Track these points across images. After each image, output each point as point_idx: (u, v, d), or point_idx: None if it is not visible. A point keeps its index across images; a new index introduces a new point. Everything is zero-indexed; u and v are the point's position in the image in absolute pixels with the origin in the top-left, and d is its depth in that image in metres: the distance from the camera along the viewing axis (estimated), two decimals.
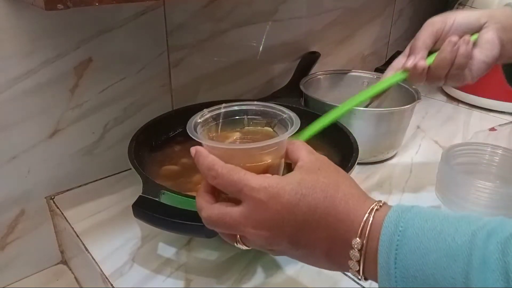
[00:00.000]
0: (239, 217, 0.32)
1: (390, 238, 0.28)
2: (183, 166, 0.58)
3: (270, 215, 0.31)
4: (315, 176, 0.32)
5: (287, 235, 0.32)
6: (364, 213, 0.30)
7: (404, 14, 1.09)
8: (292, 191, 0.31)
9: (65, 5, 0.38)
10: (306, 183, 0.31)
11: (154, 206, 0.42)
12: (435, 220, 0.28)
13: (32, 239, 0.59)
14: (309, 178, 0.32)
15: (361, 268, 0.30)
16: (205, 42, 0.70)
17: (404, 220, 0.28)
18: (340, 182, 0.32)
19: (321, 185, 0.31)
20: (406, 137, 0.77)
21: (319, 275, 0.47)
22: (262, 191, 0.31)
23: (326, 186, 0.32)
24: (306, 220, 0.31)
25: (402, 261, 0.27)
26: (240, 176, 0.32)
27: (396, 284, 0.27)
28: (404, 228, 0.28)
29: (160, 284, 0.46)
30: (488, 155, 0.61)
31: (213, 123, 0.41)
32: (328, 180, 0.32)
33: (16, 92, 0.52)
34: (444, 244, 0.26)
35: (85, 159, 0.62)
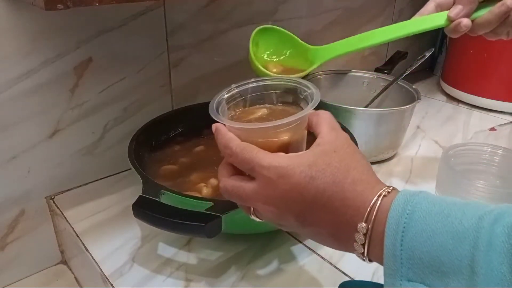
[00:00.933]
0: (251, 192, 0.34)
1: (397, 221, 0.28)
2: (182, 166, 0.58)
3: (279, 194, 0.32)
4: (328, 159, 0.32)
5: (294, 213, 0.33)
6: (371, 199, 0.30)
7: (404, 14, 1.09)
8: (302, 173, 0.31)
9: (65, 5, 0.39)
10: (317, 166, 0.32)
11: (154, 206, 0.42)
12: (443, 204, 0.28)
13: (32, 239, 0.59)
14: (322, 161, 0.32)
15: (365, 250, 0.31)
16: (205, 42, 0.70)
17: (411, 203, 0.29)
18: (352, 167, 0.32)
19: (332, 169, 0.32)
20: (406, 137, 0.77)
21: (319, 275, 0.47)
22: (272, 170, 0.32)
23: (337, 171, 0.32)
24: (313, 201, 0.32)
25: (409, 243, 0.27)
26: (252, 155, 0.33)
27: (402, 266, 0.27)
28: (411, 211, 0.28)
29: (160, 284, 0.46)
30: (488, 155, 0.61)
31: (240, 99, 0.42)
32: (340, 165, 0.32)
33: (16, 92, 0.52)
34: (451, 227, 0.27)
35: (85, 159, 0.62)
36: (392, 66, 0.90)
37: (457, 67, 1.02)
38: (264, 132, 0.36)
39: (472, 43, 0.96)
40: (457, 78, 1.02)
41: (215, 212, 0.41)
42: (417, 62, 0.77)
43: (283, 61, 0.57)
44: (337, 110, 0.66)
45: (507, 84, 0.94)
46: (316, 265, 0.49)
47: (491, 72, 0.95)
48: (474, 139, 0.82)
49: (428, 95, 1.06)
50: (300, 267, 0.49)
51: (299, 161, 0.32)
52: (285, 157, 0.33)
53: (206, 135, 0.66)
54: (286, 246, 0.52)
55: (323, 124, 0.36)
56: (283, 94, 0.41)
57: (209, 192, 0.52)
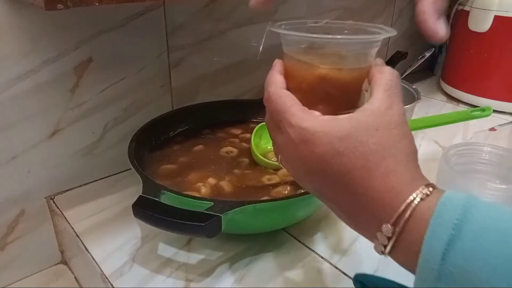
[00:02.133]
0: (278, 142, 0.32)
1: (441, 232, 0.24)
2: (181, 165, 0.58)
3: (298, 157, 0.30)
4: (365, 136, 0.28)
5: (312, 183, 0.31)
6: (404, 199, 0.26)
7: (404, 14, 1.09)
8: (329, 144, 0.28)
9: (65, 5, 0.39)
10: (349, 141, 0.28)
11: (154, 206, 0.42)
12: (499, 219, 0.24)
13: (32, 239, 0.59)
14: (357, 136, 0.28)
15: (386, 250, 0.27)
16: (205, 42, 0.70)
17: (461, 212, 0.24)
18: (389, 154, 0.28)
19: (366, 149, 0.27)
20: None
21: (319, 275, 0.47)
22: (297, 131, 0.29)
23: (370, 154, 0.27)
24: (334, 179, 0.28)
25: (453, 259, 0.23)
26: (285, 107, 0.31)
27: (439, 282, 0.24)
28: (460, 221, 0.24)
29: (160, 284, 0.46)
30: (488, 155, 0.61)
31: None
32: (376, 147, 0.27)
33: (16, 92, 0.52)
34: (509, 249, 0.23)
35: (85, 159, 0.62)
36: (392, 66, 0.89)
37: (457, 67, 1.02)
38: (325, 58, 0.32)
39: (472, 43, 0.96)
40: (457, 78, 1.02)
41: (215, 212, 0.41)
42: (417, 62, 0.77)
43: None
44: None
45: (507, 84, 0.93)
46: (316, 265, 0.49)
47: (491, 72, 0.95)
48: (474, 139, 0.82)
49: (428, 95, 1.06)
50: (300, 267, 0.49)
51: (330, 129, 0.28)
52: (317, 120, 0.29)
53: (206, 135, 0.66)
54: (286, 246, 0.52)
55: (381, 86, 0.30)
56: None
57: (207, 192, 0.52)
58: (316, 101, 0.32)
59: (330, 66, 0.32)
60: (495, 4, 0.89)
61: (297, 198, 0.46)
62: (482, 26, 0.92)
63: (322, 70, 0.32)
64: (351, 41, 0.32)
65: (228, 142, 0.64)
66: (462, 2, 0.98)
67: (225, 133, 0.67)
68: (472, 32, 0.94)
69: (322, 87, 0.32)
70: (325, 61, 0.32)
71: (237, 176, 0.56)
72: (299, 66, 0.34)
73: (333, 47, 0.33)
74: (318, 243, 0.52)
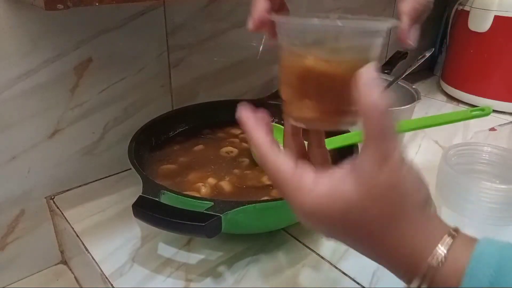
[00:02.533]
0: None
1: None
2: (181, 165, 0.58)
3: (307, 222, 0.28)
4: (362, 211, 0.26)
5: (322, 231, 0.29)
6: (426, 258, 0.25)
7: None
8: (330, 223, 0.27)
9: (65, 5, 0.38)
10: (348, 219, 0.26)
11: (154, 206, 0.42)
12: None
13: (32, 239, 0.59)
14: (354, 212, 0.26)
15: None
16: (205, 42, 0.70)
17: (494, 273, 0.23)
18: (397, 218, 0.26)
19: (368, 224, 0.26)
20: (406, 137, 0.77)
21: (319, 275, 0.47)
22: (296, 206, 0.27)
23: (374, 227, 0.26)
24: (350, 244, 0.28)
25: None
26: (278, 181, 0.28)
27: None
28: (494, 280, 0.23)
29: (160, 284, 0.46)
30: (488, 155, 0.60)
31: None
32: (379, 218, 0.26)
33: (16, 92, 0.52)
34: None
35: (85, 159, 0.62)
36: (392, 66, 0.90)
37: (457, 67, 1.02)
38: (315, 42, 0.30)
39: (472, 43, 0.96)
40: (457, 78, 1.02)
41: (215, 212, 0.41)
42: (417, 62, 0.77)
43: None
44: None
45: (507, 84, 0.93)
46: (316, 265, 0.49)
47: (491, 72, 0.95)
48: (474, 139, 0.82)
49: (428, 95, 1.06)
50: (300, 267, 0.48)
51: (326, 209, 0.26)
52: (312, 198, 0.27)
53: (206, 135, 0.66)
54: (286, 246, 0.52)
55: (370, 135, 0.25)
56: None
57: (207, 192, 0.52)
58: (305, 96, 0.31)
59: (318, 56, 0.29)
60: (495, 4, 0.89)
61: None
62: (482, 26, 0.92)
63: (309, 61, 0.29)
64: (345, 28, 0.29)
65: (228, 142, 0.64)
66: (462, 2, 0.98)
67: (225, 133, 0.67)
68: (472, 32, 0.94)
69: (310, 81, 0.30)
70: (317, 51, 0.29)
71: (237, 176, 0.56)
72: (288, 57, 0.31)
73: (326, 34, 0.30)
74: (318, 243, 0.52)
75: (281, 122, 0.70)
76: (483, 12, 0.91)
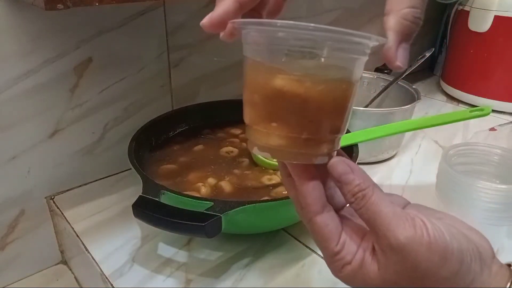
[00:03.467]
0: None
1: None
2: (181, 165, 0.58)
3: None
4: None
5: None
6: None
7: None
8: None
9: (65, 5, 0.38)
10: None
11: (154, 206, 0.42)
12: None
13: (32, 239, 0.59)
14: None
15: None
16: (205, 42, 0.70)
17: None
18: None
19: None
20: (406, 137, 0.77)
21: (319, 275, 0.47)
22: (333, 273, 0.30)
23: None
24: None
25: None
26: (321, 245, 0.30)
27: None
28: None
29: (160, 284, 0.46)
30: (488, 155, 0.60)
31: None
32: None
33: (16, 92, 0.52)
34: None
35: (85, 159, 0.62)
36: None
37: (457, 67, 1.02)
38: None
39: (472, 43, 0.96)
40: (457, 78, 1.02)
41: (215, 212, 0.41)
42: (417, 62, 0.77)
43: None
44: None
45: (507, 84, 0.93)
46: (316, 265, 0.49)
47: (491, 72, 0.95)
48: (474, 139, 0.82)
49: (428, 95, 1.06)
50: (300, 267, 0.48)
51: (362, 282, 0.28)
52: (347, 272, 0.28)
53: (206, 135, 0.66)
54: (286, 246, 0.52)
55: (376, 225, 0.26)
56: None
57: (207, 192, 0.52)
58: (272, 119, 0.26)
59: (290, 74, 0.24)
60: (495, 4, 0.89)
61: None
62: (482, 26, 0.92)
63: (279, 80, 0.24)
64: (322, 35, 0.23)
65: (228, 142, 0.64)
66: (462, 2, 0.98)
67: (225, 133, 0.67)
68: (472, 32, 0.94)
69: (279, 102, 0.25)
70: (289, 67, 0.25)
71: (237, 176, 0.56)
72: (254, 72, 0.27)
73: (296, 45, 0.24)
74: None
75: None
76: (483, 12, 0.91)
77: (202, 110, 0.69)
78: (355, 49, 0.25)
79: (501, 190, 0.51)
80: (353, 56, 0.25)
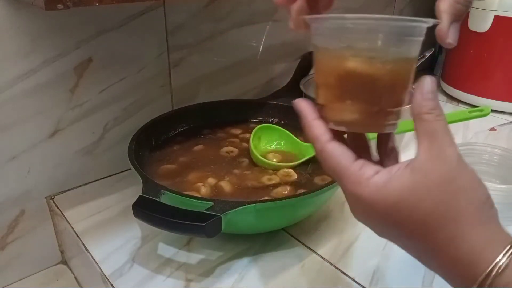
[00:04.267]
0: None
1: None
2: (181, 165, 0.58)
3: (362, 215, 0.29)
4: (416, 202, 0.26)
5: (376, 229, 0.30)
6: (481, 272, 0.24)
7: (404, 14, 1.09)
8: (385, 214, 0.27)
9: (65, 5, 0.38)
10: (401, 209, 0.26)
11: (154, 206, 0.42)
12: None
13: (32, 239, 0.59)
14: (408, 202, 0.26)
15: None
16: (205, 42, 0.70)
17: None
18: (449, 217, 0.26)
19: (420, 216, 0.26)
20: (406, 137, 0.77)
21: (319, 275, 0.47)
22: (354, 197, 0.29)
23: (426, 221, 0.26)
24: (400, 241, 0.28)
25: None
26: (337, 169, 0.29)
27: None
28: None
29: (160, 284, 0.46)
30: (488, 155, 0.61)
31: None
32: (431, 213, 0.26)
33: (16, 92, 0.52)
34: None
35: (85, 159, 0.62)
36: None
37: (457, 67, 1.02)
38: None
39: (472, 43, 0.96)
40: (457, 78, 1.02)
41: (215, 212, 0.41)
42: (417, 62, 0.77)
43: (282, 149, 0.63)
44: None
45: (507, 84, 0.93)
46: (316, 265, 0.49)
47: (491, 72, 0.95)
48: (474, 139, 0.82)
49: None
50: (300, 267, 0.48)
51: (382, 198, 0.27)
52: (370, 186, 0.28)
53: (206, 135, 0.66)
54: (286, 246, 0.52)
55: (423, 134, 0.27)
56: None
57: (207, 192, 0.52)
58: (346, 98, 0.30)
59: (360, 57, 0.29)
60: (495, 4, 0.89)
61: (297, 198, 0.46)
62: (482, 26, 0.92)
63: (351, 62, 0.29)
64: (386, 23, 0.28)
65: (228, 142, 0.64)
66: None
67: (225, 133, 0.67)
68: (472, 32, 0.94)
69: (352, 82, 0.29)
70: (358, 51, 0.29)
71: (237, 176, 0.56)
72: (327, 59, 0.31)
73: (364, 33, 0.29)
74: (318, 243, 0.52)
75: (281, 122, 0.71)
76: (483, 12, 0.91)
77: (202, 110, 0.69)
78: (414, 32, 0.29)
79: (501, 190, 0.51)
80: (413, 39, 0.29)
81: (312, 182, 0.55)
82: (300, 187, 0.54)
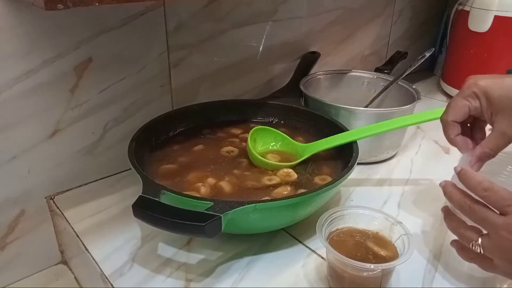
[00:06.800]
0: (499, 220, 0.36)
1: None
2: (181, 165, 0.58)
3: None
4: None
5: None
6: None
7: (404, 14, 1.09)
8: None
9: (65, 5, 0.38)
10: None
11: (154, 206, 0.42)
12: None
13: (32, 239, 0.59)
14: None
15: None
16: (205, 42, 0.70)
17: None
18: None
19: None
20: (406, 137, 0.77)
21: (319, 275, 0.47)
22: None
23: None
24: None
25: None
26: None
27: None
28: None
29: (160, 284, 0.46)
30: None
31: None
32: None
33: (16, 92, 0.52)
34: None
35: (85, 159, 0.62)
36: (392, 66, 0.90)
37: (457, 67, 1.02)
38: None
39: (472, 43, 0.96)
40: (457, 78, 1.02)
41: (215, 212, 0.41)
42: (417, 62, 0.77)
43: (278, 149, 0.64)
44: (337, 110, 0.66)
45: None
46: (316, 265, 0.49)
47: (491, 72, 0.94)
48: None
49: (428, 95, 1.06)
50: (300, 267, 0.49)
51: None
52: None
53: (206, 135, 0.66)
54: (286, 246, 0.52)
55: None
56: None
57: (207, 192, 0.52)
58: None
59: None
60: (495, 4, 0.89)
61: (297, 198, 0.46)
62: (482, 26, 0.92)
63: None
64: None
65: (228, 142, 0.64)
66: (462, 2, 0.98)
67: (225, 133, 0.67)
68: (472, 32, 0.94)
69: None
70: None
71: (236, 176, 0.56)
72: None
73: None
74: (318, 243, 0.52)
75: (281, 122, 0.71)
76: (483, 12, 0.91)
77: (202, 110, 0.69)
78: None
79: None
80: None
81: (312, 182, 0.56)
82: (300, 187, 0.54)
